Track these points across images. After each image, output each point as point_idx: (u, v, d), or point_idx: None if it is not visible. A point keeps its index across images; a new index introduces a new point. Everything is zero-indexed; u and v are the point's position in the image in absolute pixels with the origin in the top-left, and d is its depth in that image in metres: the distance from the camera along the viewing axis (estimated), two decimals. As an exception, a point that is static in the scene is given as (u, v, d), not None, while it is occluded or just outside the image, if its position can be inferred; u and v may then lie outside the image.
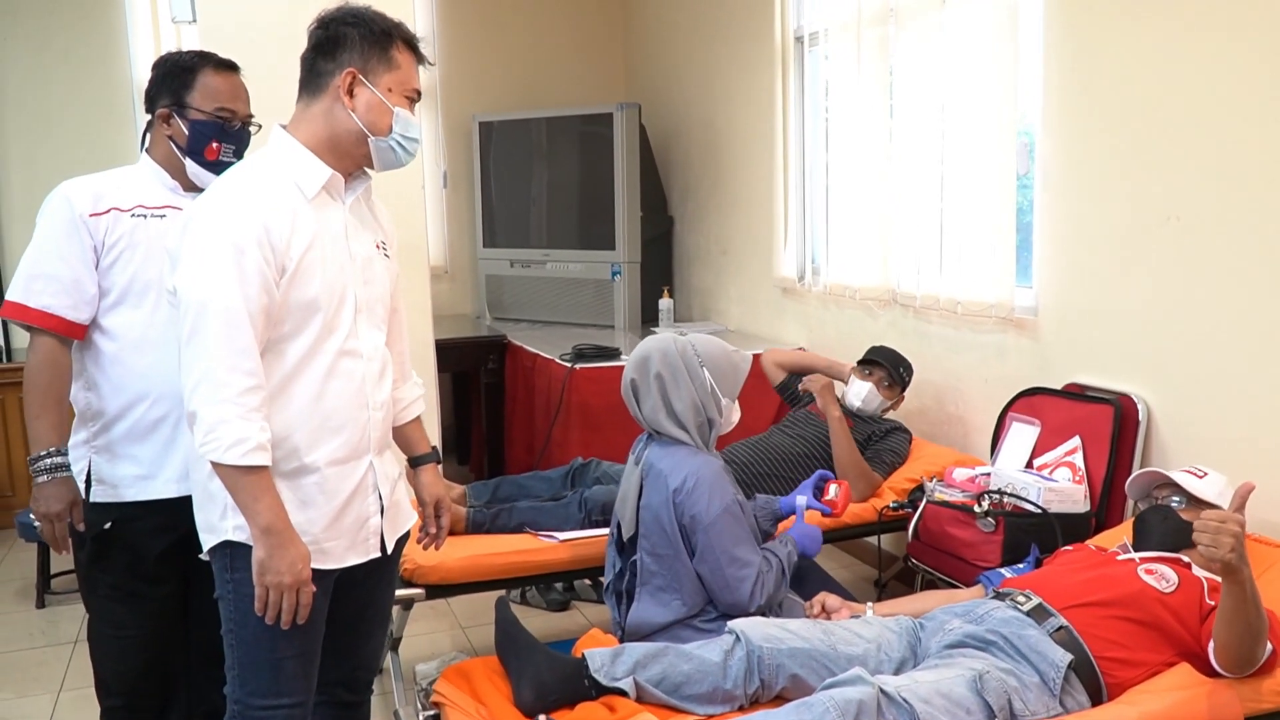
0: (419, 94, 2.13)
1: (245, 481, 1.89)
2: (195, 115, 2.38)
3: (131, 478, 2.39)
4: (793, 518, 3.05)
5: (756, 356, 4.32)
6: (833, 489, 3.12)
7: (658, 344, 2.88)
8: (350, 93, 2.02)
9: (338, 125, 2.04)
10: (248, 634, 2.02)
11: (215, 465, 1.89)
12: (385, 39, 2.05)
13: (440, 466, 2.47)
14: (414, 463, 2.40)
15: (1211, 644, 2.31)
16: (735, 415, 2.93)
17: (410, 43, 2.11)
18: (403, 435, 2.38)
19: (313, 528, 2.02)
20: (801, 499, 3.08)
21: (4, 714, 3.52)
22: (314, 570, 2.00)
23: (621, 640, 2.88)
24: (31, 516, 2.35)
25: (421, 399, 2.41)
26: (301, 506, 2.01)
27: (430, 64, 2.18)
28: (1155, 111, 3.13)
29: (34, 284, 2.31)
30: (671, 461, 2.79)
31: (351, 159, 2.08)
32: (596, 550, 3.30)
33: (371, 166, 2.12)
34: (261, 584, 1.93)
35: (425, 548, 2.43)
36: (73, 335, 2.34)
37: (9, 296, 2.33)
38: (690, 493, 2.73)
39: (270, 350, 1.97)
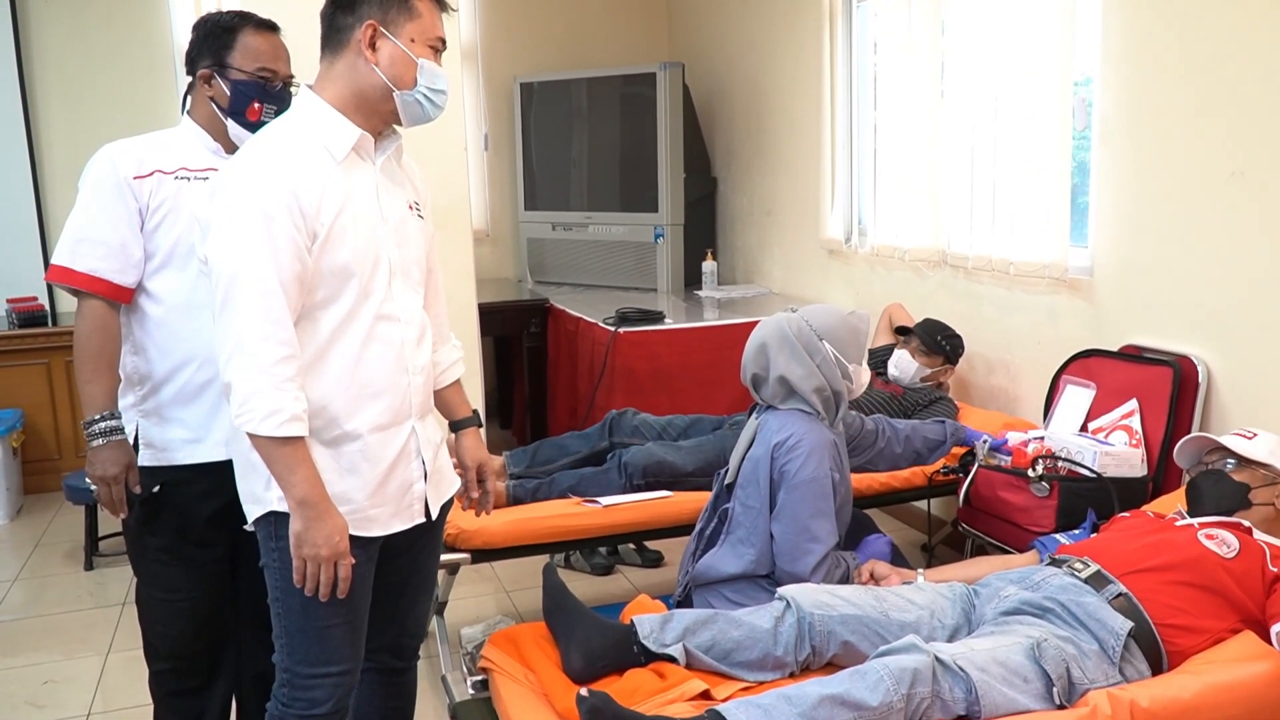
0: (444, 42, 2.06)
1: (280, 453, 1.87)
2: (236, 76, 2.35)
3: (180, 441, 2.38)
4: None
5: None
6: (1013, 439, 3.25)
7: (773, 329, 2.84)
8: (372, 46, 1.97)
9: (362, 81, 1.99)
10: (294, 603, 2.00)
11: (251, 436, 1.87)
12: None
13: (483, 430, 2.43)
14: (455, 427, 2.36)
15: (1277, 639, 2.26)
16: (865, 377, 2.89)
17: None
18: (442, 399, 2.33)
19: (357, 495, 2.00)
20: (988, 437, 3.23)
21: (53, 675, 3.56)
22: (359, 537, 1.98)
23: (681, 584, 2.89)
24: (87, 480, 2.35)
25: (461, 361, 2.36)
26: (344, 475, 1.99)
27: (453, 10, 2.11)
28: (1219, 62, 3.02)
29: (80, 248, 2.29)
30: (785, 419, 2.78)
31: (379, 115, 2.03)
32: (640, 515, 3.30)
33: (399, 122, 2.07)
34: (299, 556, 1.91)
35: (478, 514, 2.40)
36: (120, 299, 2.33)
37: (55, 260, 2.31)
38: (790, 449, 2.71)
39: (305, 318, 1.94)
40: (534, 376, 5.68)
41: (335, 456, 1.99)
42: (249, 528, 2.06)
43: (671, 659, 2.33)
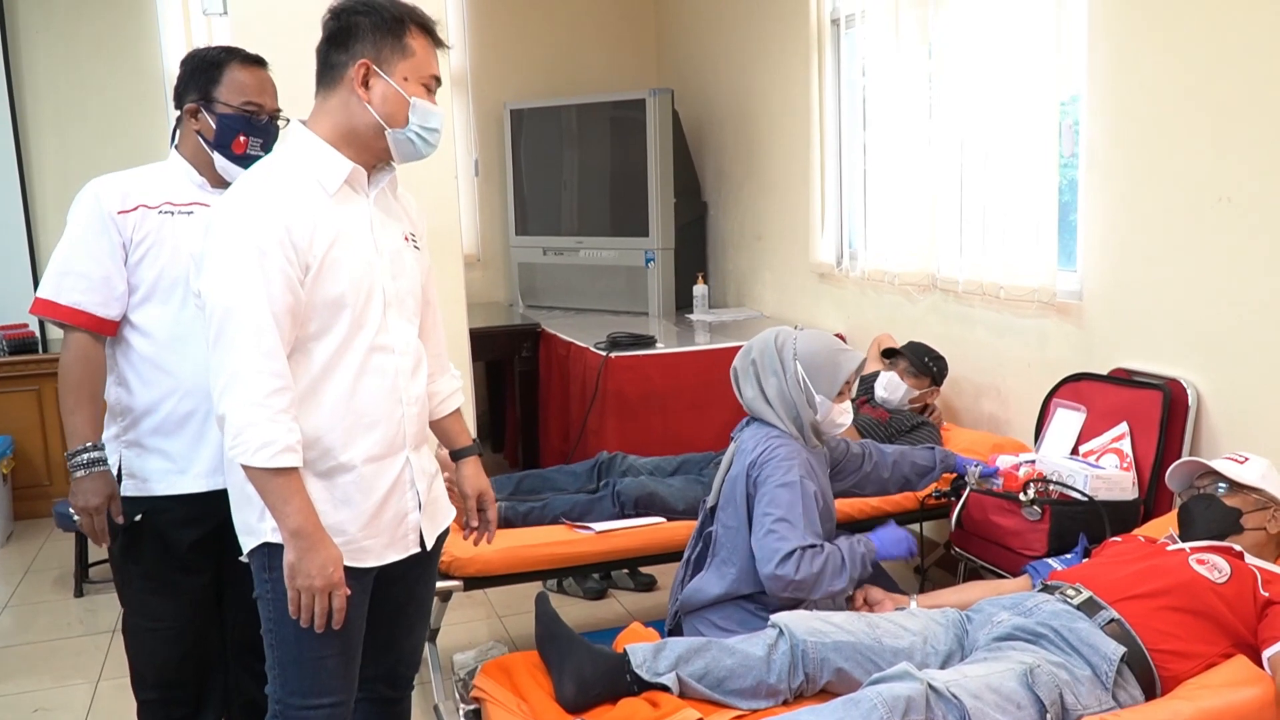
0: (438, 80, 2.07)
1: (274, 484, 1.88)
2: (222, 109, 2.38)
3: (161, 471, 2.40)
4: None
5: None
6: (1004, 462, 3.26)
7: (763, 334, 2.91)
8: (365, 84, 1.98)
9: (355, 118, 2.00)
10: (287, 634, 2.00)
11: (245, 468, 1.88)
12: (398, 25, 1.99)
13: (481, 458, 2.44)
14: (455, 456, 2.37)
15: (1269, 664, 2.26)
16: (839, 416, 2.86)
17: (425, 27, 2.04)
18: (442, 428, 2.35)
19: (350, 526, 2.00)
20: (979, 464, 3.22)
21: (43, 703, 3.54)
22: (353, 568, 1.99)
23: (670, 612, 2.90)
24: (71, 510, 2.36)
25: (460, 391, 2.38)
26: (338, 506, 1.99)
27: (448, 47, 2.12)
28: (1206, 88, 3.05)
29: (64, 281, 2.32)
30: (760, 436, 2.80)
31: (371, 151, 2.04)
32: (632, 542, 3.30)
33: (392, 159, 2.08)
34: (293, 587, 1.91)
35: (476, 543, 2.40)
36: (104, 331, 2.35)
37: (40, 294, 2.35)
38: (764, 464, 2.72)
39: (299, 350, 1.95)
40: (526, 401, 5.68)
41: (329, 488, 1.99)
42: (244, 559, 2.06)
43: (665, 688, 2.33)
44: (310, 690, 2.03)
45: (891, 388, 3.98)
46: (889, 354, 4.12)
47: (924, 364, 3.99)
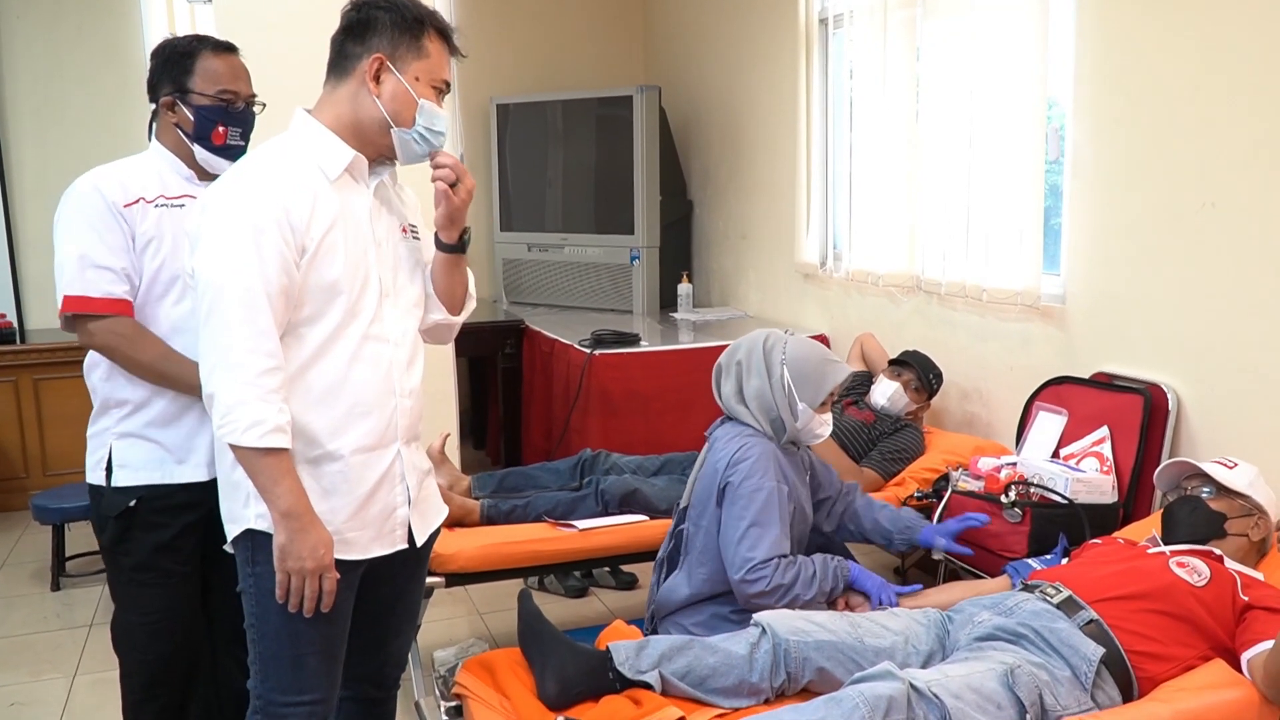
0: (448, 85, 2.08)
1: (264, 464, 1.86)
2: (199, 100, 2.38)
3: (156, 460, 2.40)
4: None
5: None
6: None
7: (752, 334, 2.90)
8: (376, 79, 1.98)
9: (362, 111, 2.00)
10: (269, 629, 1.99)
11: (234, 448, 1.87)
12: (417, 26, 2.00)
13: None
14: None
15: (1248, 667, 2.27)
16: (819, 426, 2.82)
17: (443, 32, 2.05)
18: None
19: (336, 517, 1.99)
20: (941, 540, 2.99)
21: (19, 698, 3.52)
22: (340, 561, 1.97)
23: (648, 614, 2.90)
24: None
25: (471, 297, 2.31)
26: (325, 495, 1.98)
27: (464, 56, 2.13)
28: (1190, 95, 3.07)
29: (87, 274, 2.29)
30: (733, 434, 2.79)
31: (374, 146, 2.04)
32: (615, 539, 3.29)
33: (394, 157, 2.08)
34: (283, 570, 1.90)
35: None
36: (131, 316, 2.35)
37: (67, 291, 2.30)
38: (736, 464, 2.71)
39: (291, 333, 1.95)
40: (509, 398, 5.66)
41: (316, 477, 1.98)
42: (227, 548, 2.06)
43: (647, 685, 2.33)
44: (292, 686, 2.02)
45: (894, 399, 3.97)
46: (896, 363, 4.10)
47: (928, 381, 3.99)
